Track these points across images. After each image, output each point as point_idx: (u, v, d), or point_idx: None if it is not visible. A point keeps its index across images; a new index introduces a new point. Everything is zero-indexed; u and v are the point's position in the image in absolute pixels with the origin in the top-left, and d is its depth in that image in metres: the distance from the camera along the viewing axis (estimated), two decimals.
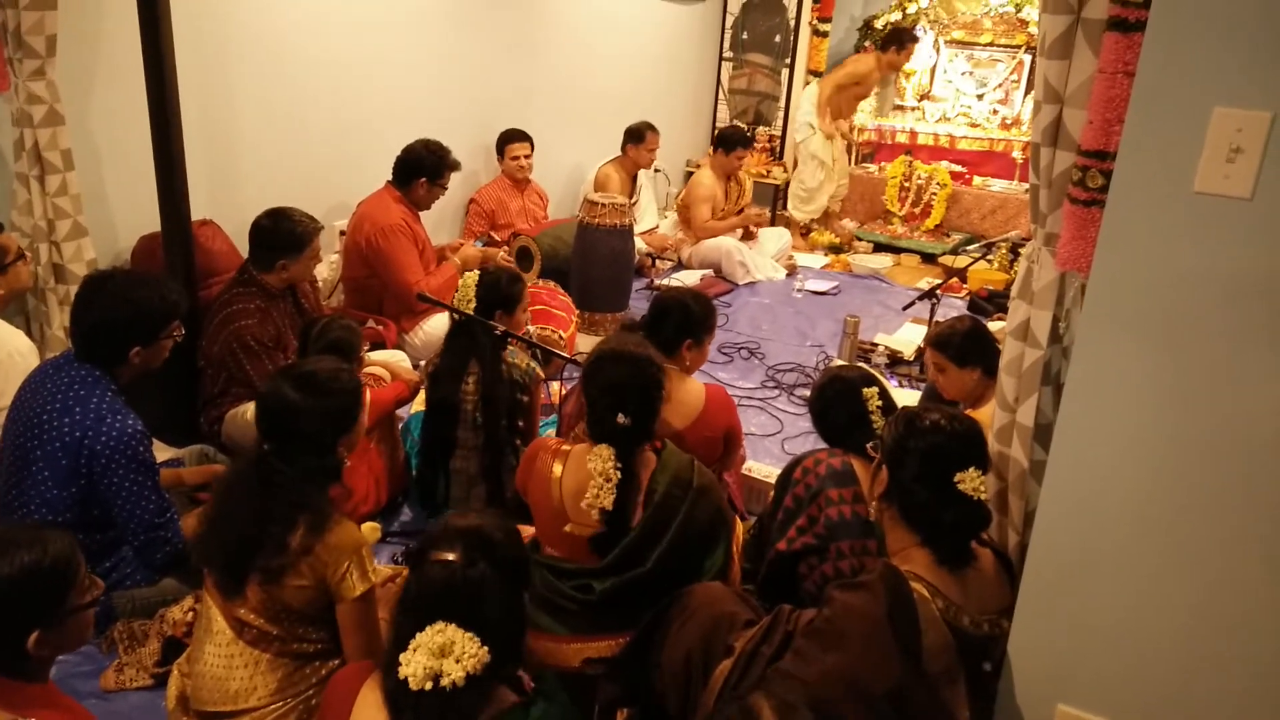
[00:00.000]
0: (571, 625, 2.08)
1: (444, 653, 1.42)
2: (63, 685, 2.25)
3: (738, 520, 2.40)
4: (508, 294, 2.95)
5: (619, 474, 2.06)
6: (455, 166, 4.10)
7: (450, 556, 1.47)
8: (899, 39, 6.46)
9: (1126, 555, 1.57)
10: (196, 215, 3.56)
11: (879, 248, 6.68)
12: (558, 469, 2.15)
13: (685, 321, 2.74)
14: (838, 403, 2.38)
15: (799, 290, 5.64)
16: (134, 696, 2.25)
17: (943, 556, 1.69)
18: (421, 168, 4.02)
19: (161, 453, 3.16)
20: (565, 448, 2.20)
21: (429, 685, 1.41)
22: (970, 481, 1.67)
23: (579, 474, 2.11)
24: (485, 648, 1.44)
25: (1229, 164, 1.33)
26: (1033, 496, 1.81)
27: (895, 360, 4.50)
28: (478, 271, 2.94)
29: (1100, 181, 1.55)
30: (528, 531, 2.44)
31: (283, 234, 3.12)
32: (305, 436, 1.92)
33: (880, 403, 2.33)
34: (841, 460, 2.21)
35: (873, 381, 2.40)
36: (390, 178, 4.07)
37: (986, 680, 1.73)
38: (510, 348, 2.93)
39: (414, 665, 1.42)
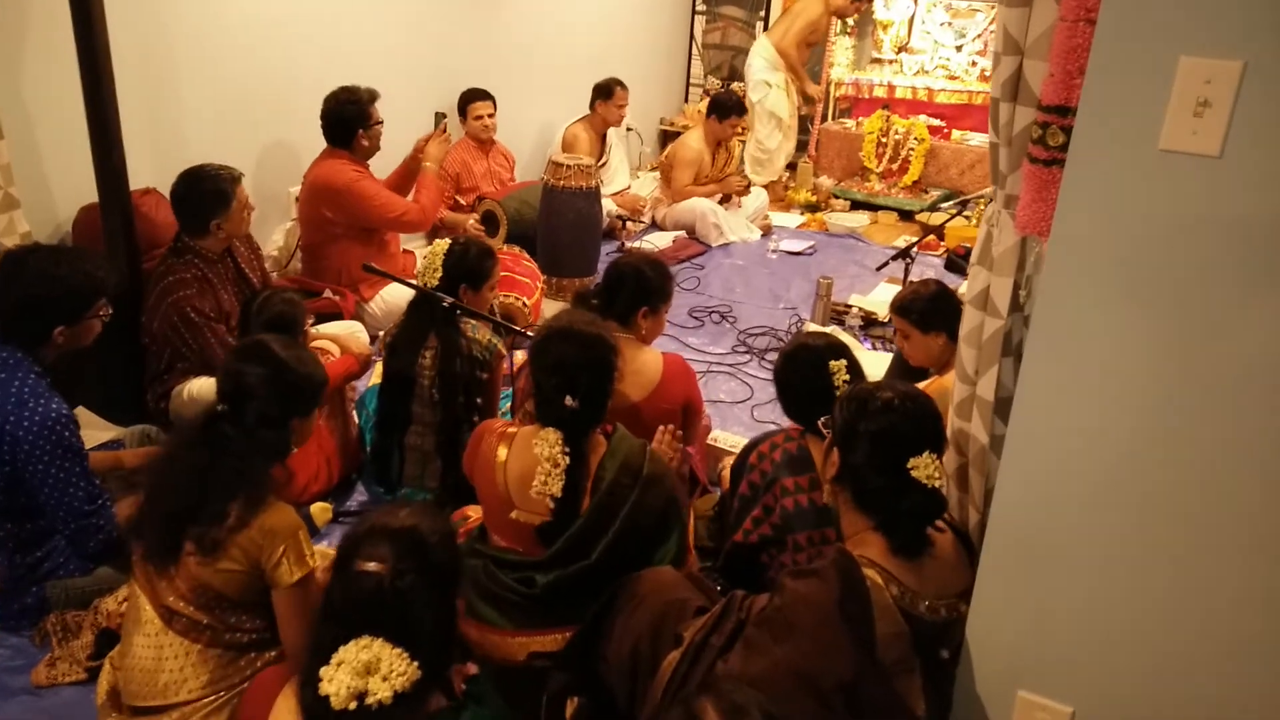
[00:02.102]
0: (515, 619, 1.99)
1: (370, 670, 1.33)
2: None
3: (691, 508, 2.30)
4: (476, 268, 2.82)
5: (567, 459, 1.96)
6: (374, 96, 3.92)
7: (378, 566, 1.37)
8: None
9: (1089, 534, 1.48)
10: (139, 184, 3.43)
11: (856, 205, 6.55)
12: (503, 452, 2.05)
13: (640, 289, 2.62)
14: (801, 374, 2.26)
15: (774, 251, 5.52)
16: (66, 691, 2.16)
17: (898, 544, 1.61)
18: (350, 120, 3.85)
19: (104, 432, 3.06)
20: (511, 430, 2.10)
21: (353, 705, 1.32)
22: (924, 468, 1.57)
23: (525, 458, 2.01)
24: (415, 664, 1.35)
25: (1196, 118, 1.22)
26: (993, 473, 1.72)
27: (869, 322, 4.40)
28: (447, 240, 2.80)
29: (1061, 139, 1.44)
30: (477, 514, 2.35)
31: (206, 194, 2.99)
32: (265, 405, 1.85)
33: (848, 376, 2.21)
34: (798, 445, 2.12)
35: (841, 352, 2.27)
36: (326, 144, 3.92)
37: (945, 667, 1.65)
38: (471, 322, 2.82)
39: (336, 684, 1.33)
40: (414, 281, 2.72)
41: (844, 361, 2.23)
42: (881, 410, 1.63)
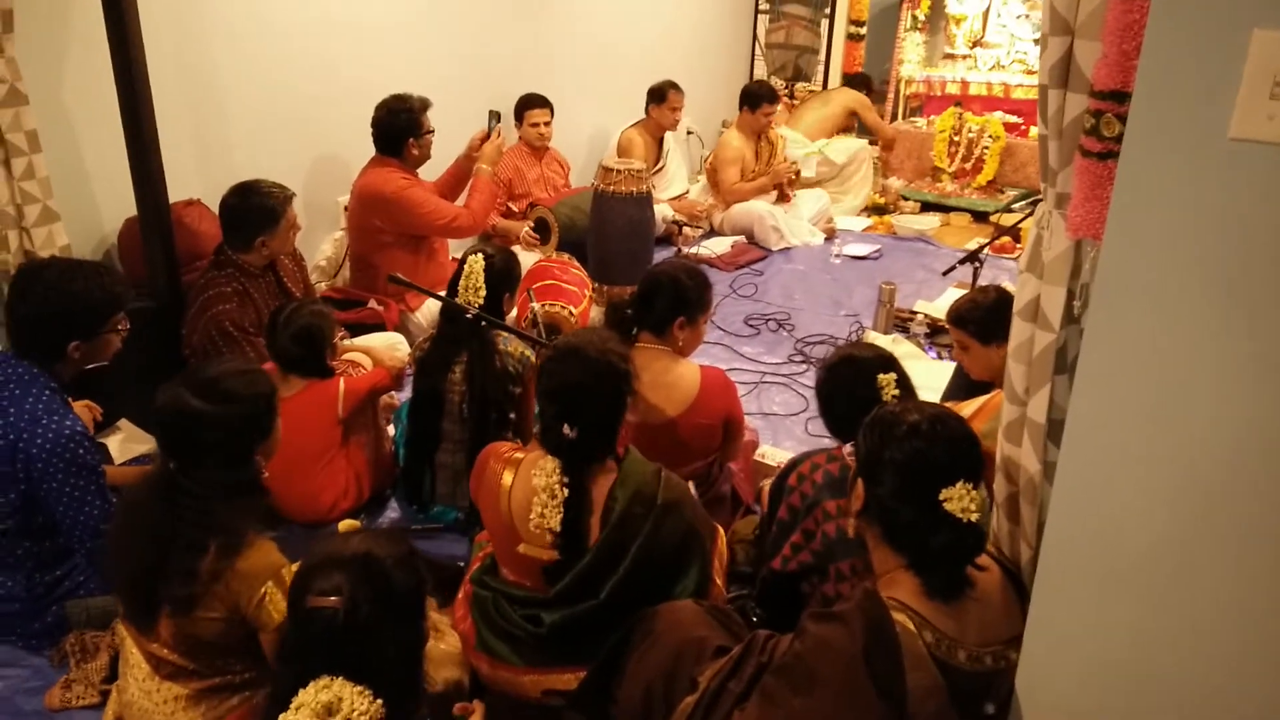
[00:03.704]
0: (526, 656, 1.87)
1: (331, 712, 1.22)
2: (9, 702, 2.13)
3: (719, 530, 2.14)
4: (513, 273, 2.79)
5: (565, 491, 1.82)
6: (426, 104, 3.86)
7: (331, 600, 1.26)
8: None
9: (1152, 574, 1.29)
10: (184, 195, 3.42)
11: (926, 207, 6.29)
12: (508, 478, 1.92)
13: (677, 299, 2.48)
14: (846, 389, 2.08)
15: (837, 256, 5.32)
16: (79, 716, 2.10)
17: (933, 586, 1.44)
18: (402, 129, 3.78)
19: (144, 445, 3.04)
20: (518, 455, 1.96)
21: None
22: (958, 500, 1.40)
23: (528, 486, 1.88)
24: (378, 701, 1.24)
25: (1274, 101, 1.03)
26: (1046, 504, 1.53)
27: (935, 329, 4.18)
28: (479, 256, 2.70)
29: (1117, 129, 1.26)
30: None
31: (254, 209, 2.96)
32: (212, 449, 1.73)
33: (896, 392, 2.03)
34: (840, 465, 1.95)
35: (890, 365, 2.09)
36: (376, 151, 3.86)
37: None
38: (503, 334, 2.71)
39: None
40: (442, 294, 2.61)
41: (893, 375, 2.05)
42: (908, 435, 1.46)
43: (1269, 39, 1.02)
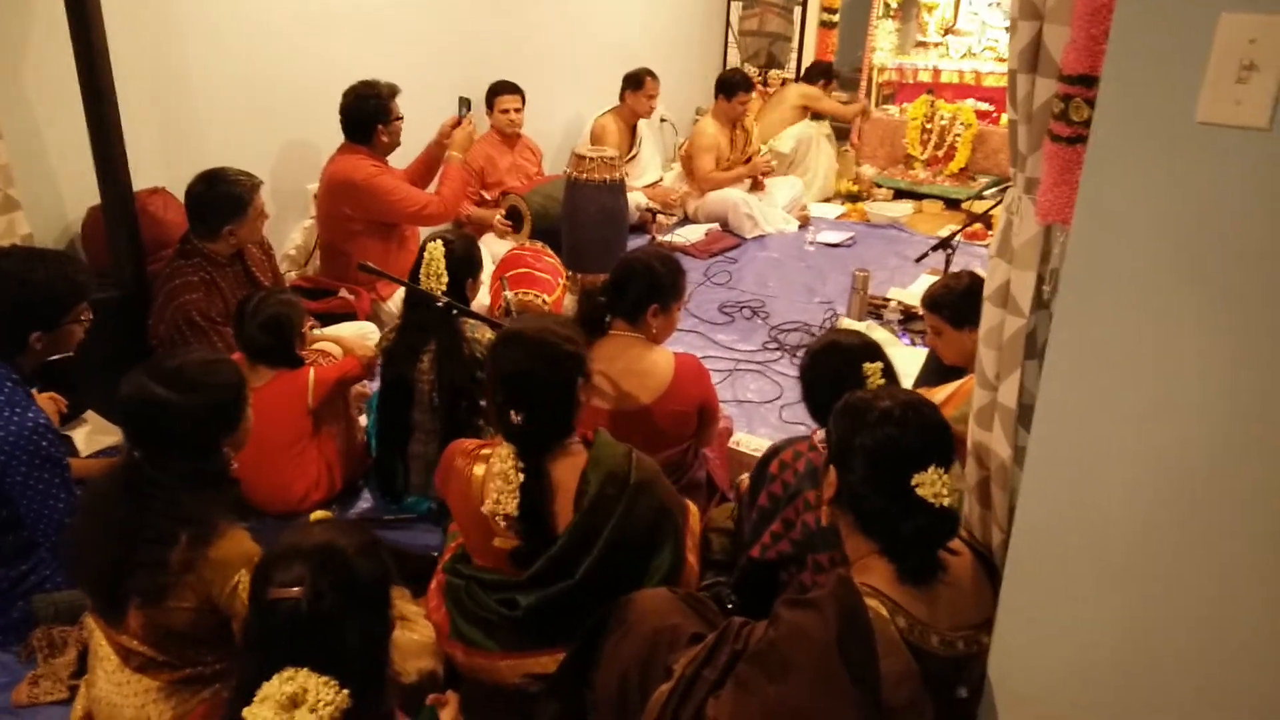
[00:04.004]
0: (502, 640, 1.86)
1: (295, 703, 1.21)
2: None
3: (692, 509, 2.13)
4: (472, 257, 2.75)
5: (521, 476, 1.81)
6: (395, 91, 3.81)
7: (293, 590, 1.25)
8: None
9: (1123, 558, 1.29)
10: (149, 183, 3.36)
11: (899, 194, 6.31)
12: (479, 471, 1.91)
13: (650, 286, 2.47)
14: (830, 375, 2.06)
15: (811, 243, 5.32)
16: (47, 711, 2.07)
17: (906, 571, 1.44)
18: (370, 115, 3.73)
19: (110, 436, 3.00)
20: (485, 451, 1.95)
21: None
22: (930, 485, 1.40)
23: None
24: (344, 692, 1.23)
25: (1240, 85, 1.03)
26: (1018, 489, 1.54)
27: (909, 316, 4.19)
28: (438, 241, 2.67)
29: (1086, 114, 1.26)
30: None
31: (221, 197, 2.91)
32: (178, 439, 1.70)
33: (882, 380, 2.02)
34: (822, 455, 1.95)
35: (876, 354, 2.07)
36: (344, 139, 3.81)
37: (964, 708, 1.48)
38: (470, 321, 2.69)
39: None
40: (411, 283, 2.58)
41: (879, 365, 2.04)
42: (879, 422, 1.45)
43: (1236, 22, 1.02)
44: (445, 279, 2.60)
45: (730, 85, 5.47)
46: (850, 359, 2.05)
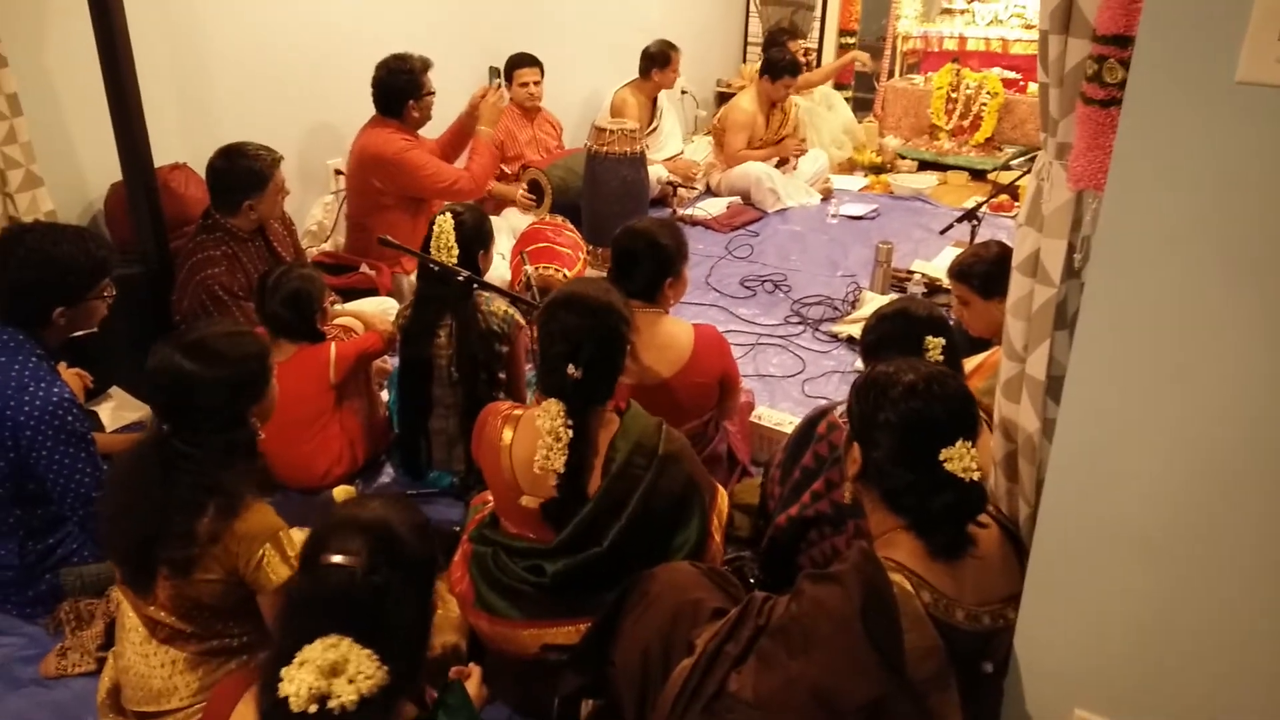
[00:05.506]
0: (526, 609, 1.87)
1: (335, 671, 1.20)
2: (5, 670, 2.13)
3: (721, 493, 2.12)
4: (484, 229, 2.73)
5: (570, 433, 1.82)
6: (428, 65, 3.80)
7: (348, 560, 1.25)
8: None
9: (1152, 532, 1.27)
10: (170, 158, 3.37)
11: (924, 166, 6.22)
12: (508, 435, 1.91)
13: (660, 260, 2.44)
14: (893, 341, 2.05)
15: (834, 216, 5.26)
16: (76, 683, 2.09)
17: (935, 547, 1.42)
18: (402, 90, 3.72)
19: (133, 412, 3.02)
20: (516, 412, 1.96)
21: (313, 708, 1.20)
22: (959, 459, 1.37)
23: (530, 440, 1.87)
24: (384, 668, 1.22)
25: None
26: (1045, 462, 1.51)
27: (933, 289, 4.14)
28: (447, 214, 2.66)
29: (1121, 75, 1.22)
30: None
31: (241, 172, 2.91)
32: (207, 412, 1.71)
33: (941, 357, 2.00)
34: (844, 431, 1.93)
35: (942, 329, 2.06)
36: (375, 111, 3.80)
37: (989, 683, 1.47)
38: (486, 294, 2.68)
39: (297, 683, 1.20)
40: (443, 259, 2.56)
41: (942, 340, 2.03)
42: (904, 396, 1.43)
43: None
44: (456, 251, 2.59)
45: (777, 68, 5.35)
46: (916, 329, 2.04)
